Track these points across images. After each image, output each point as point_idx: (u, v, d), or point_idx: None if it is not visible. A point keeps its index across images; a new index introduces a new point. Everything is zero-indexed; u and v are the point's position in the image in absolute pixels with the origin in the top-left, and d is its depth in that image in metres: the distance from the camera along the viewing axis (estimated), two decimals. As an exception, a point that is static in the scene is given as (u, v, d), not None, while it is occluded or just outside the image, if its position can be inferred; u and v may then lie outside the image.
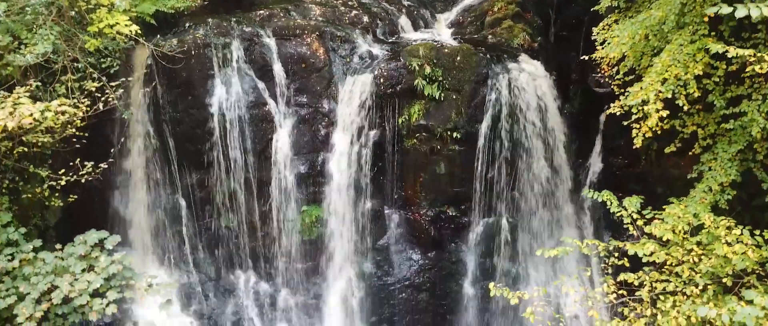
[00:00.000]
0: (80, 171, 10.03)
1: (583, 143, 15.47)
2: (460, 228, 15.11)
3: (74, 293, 8.50)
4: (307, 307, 14.82)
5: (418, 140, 14.10)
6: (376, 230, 14.87)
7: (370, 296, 14.89)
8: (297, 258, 14.67)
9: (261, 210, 14.34)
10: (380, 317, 15.05)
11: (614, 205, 10.40)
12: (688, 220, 9.17)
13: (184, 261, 14.29)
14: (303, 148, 13.61)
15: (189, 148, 13.35)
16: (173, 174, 13.64)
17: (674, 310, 7.99)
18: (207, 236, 14.40)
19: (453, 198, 14.83)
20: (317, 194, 14.24)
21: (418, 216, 14.91)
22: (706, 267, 8.43)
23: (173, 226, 14.02)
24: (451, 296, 15.32)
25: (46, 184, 10.08)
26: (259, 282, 14.70)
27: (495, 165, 14.43)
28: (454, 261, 15.21)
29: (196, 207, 14.08)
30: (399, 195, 14.94)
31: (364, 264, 14.87)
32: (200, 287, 14.36)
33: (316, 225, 14.47)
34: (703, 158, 11.31)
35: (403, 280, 15.03)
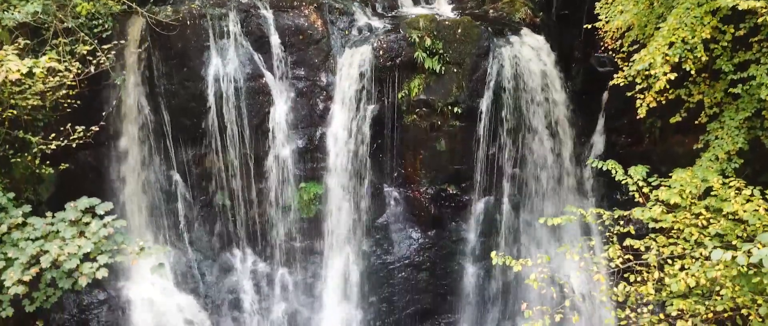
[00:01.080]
0: (71, 136, 9.74)
1: (586, 122, 15.22)
2: (460, 207, 14.86)
3: (63, 256, 8.23)
4: (305, 286, 14.57)
5: (418, 115, 13.84)
6: (375, 208, 14.62)
7: (369, 275, 14.64)
8: (295, 237, 14.41)
9: (258, 188, 14.08)
10: (379, 296, 14.80)
11: (619, 174, 10.17)
12: (696, 184, 8.92)
13: (179, 239, 14.03)
14: (300, 121, 13.35)
15: (184, 121, 13.09)
16: (168, 149, 13.38)
17: (682, 273, 7.73)
18: (203, 213, 14.14)
19: (453, 176, 14.58)
20: (315, 170, 13.98)
21: (417, 195, 14.66)
22: (715, 229, 8.18)
23: (169, 203, 13.76)
24: (452, 276, 15.07)
25: (35, 149, 9.80)
26: (257, 260, 14.44)
27: (496, 141, 14.18)
28: (454, 240, 14.96)
29: (192, 183, 13.82)
30: (398, 172, 14.69)
31: (363, 242, 14.62)
32: (196, 266, 14.10)
33: (315, 203, 14.21)
34: (709, 127, 11.08)
35: (402, 259, 14.78)
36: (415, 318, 15.12)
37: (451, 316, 15.41)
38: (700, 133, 11.57)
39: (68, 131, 9.87)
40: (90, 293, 13.07)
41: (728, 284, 7.58)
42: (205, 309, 13.93)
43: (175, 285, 13.83)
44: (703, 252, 7.99)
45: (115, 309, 13.14)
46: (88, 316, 12.89)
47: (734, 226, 8.23)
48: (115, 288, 13.31)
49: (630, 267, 8.74)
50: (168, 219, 13.80)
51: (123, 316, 13.20)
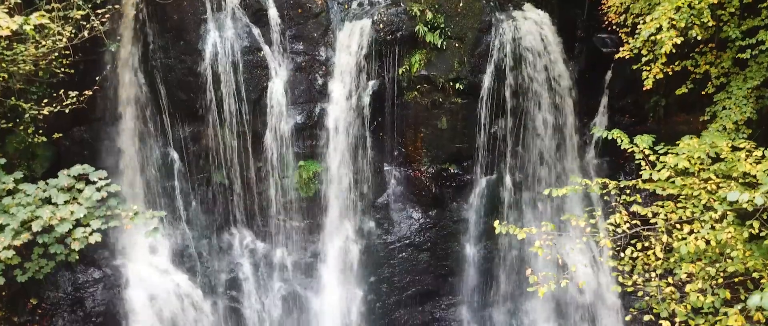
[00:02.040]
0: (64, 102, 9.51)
1: (588, 102, 15.00)
2: (461, 187, 14.65)
3: (55, 221, 8.01)
4: (304, 266, 14.35)
5: (419, 92, 13.62)
6: (375, 187, 14.40)
7: (369, 255, 14.43)
8: (294, 216, 14.19)
9: (256, 166, 13.85)
10: (379, 277, 14.58)
11: (625, 142, 9.94)
12: (705, 150, 8.70)
13: (176, 218, 13.78)
14: (299, 97, 13.12)
15: (181, 96, 12.86)
16: (165, 125, 13.14)
17: (691, 236, 7.51)
18: (200, 192, 13.90)
19: (455, 154, 14.36)
20: (314, 148, 13.76)
21: (418, 174, 14.44)
22: (724, 193, 7.95)
23: (165, 181, 13.51)
24: (452, 256, 14.86)
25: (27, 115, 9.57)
26: (255, 240, 14.22)
27: (498, 119, 13.97)
28: (455, 221, 14.74)
29: (189, 161, 13.58)
30: (399, 151, 14.47)
31: (363, 222, 14.40)
32: (193, 245, 13.86)
33: (314, 182, 13.99)
34: (716, 97, 10.89)
35: (402, 239, 14.56)
36: (416, 299, 14.90)
37: (452, 298, 15.20)
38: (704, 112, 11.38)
39: (61, 97, 9.63)
40: (85, 271, 12.84)
41: (739, 246, 7.37)
42: (202, 289, 13.69)
43: (171, 264, 13.59)
44: (712, 215, 7.78)
45: (111, 288, 12.91)
46: (83, 294, 12.66)
47: (744, 190, 8.01)
48: (110, 267, 13.07)
49: (637, 233, 8.51)
50: (165, 197, 13.56)
51: (118, 295, 12.97)
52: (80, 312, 12.57)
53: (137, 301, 13.11)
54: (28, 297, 12.14)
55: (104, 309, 12.75)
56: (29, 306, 12.15)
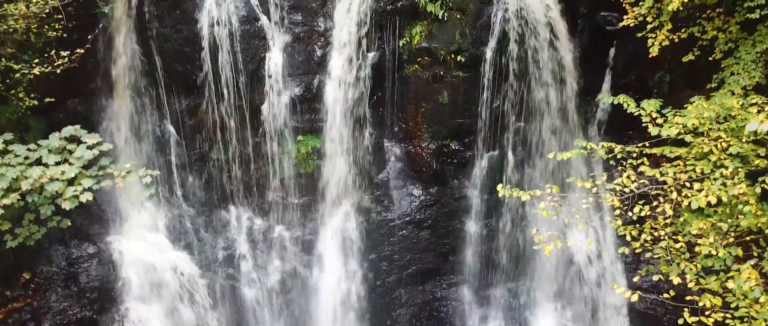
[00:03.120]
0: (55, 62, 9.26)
1: (592, 79, 14.72)
2: (463, 163, 14.40)
3: (45, 179, 7.75)
4: (302, 243, 14.11)
5: (420, 65, 13.38)
6: (375, 163, 14.16)
7: (369, 232, 14.19)
8: (292, 193, 13.95)
9: (254, 141, 13.60)
10: (379, 255, 14.34)
11: (632, 106, 9.72)
12: (715, 110, 8.46)
13: (172, 193, 13.54)
14: (298, 68, 12.87)
15: (177, 67, 12.61)
16: (161, 98, 12.90)
17: (702, 193, 7.26)
18: (197, 168, 13.66)
19: (456, 130, 14.11)
20: (313, 122, 13.51)
21: (419, 150, 14.19)
22: (735, 150, 7.72)
23: (161, 156, 13.26)
24: (454, 234, 14.62)
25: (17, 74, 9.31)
26: (253, 217, 13.97)
27: (501, 93, 13.71)
28: (456, 198, 14.50)
29: (186, 135, 13.34)
30: (399, 127, 14.22)
31: (362, 199, 14.16)
32: (190, 221, 13.62)
33: (313, 157, 13.74)
34: (724, 63, 10.67)
35: (403, 216, 14.32)
36: (417, 277, 14.67)
37: (453, 277, 14.97)
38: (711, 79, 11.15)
39: (53, 57, 9.38)
40: (79, 246, 12.58)
41: (752, 202, 7.13)
42: (199, 266, 13.44)
43: (167, 241, 13.34)
44: (724, 172, 7.54)
45: (105, 264, 12.64)
46: (76, 269, 12.39)
47: (756, 147, 7.78)
48: (104, 242, 12.81)
49: (645, 193, 8.27)
50: (161, 172, 13.27)
51: (113, 271, 12.70)
52: (74, 287, 12.31)
53: (132, 277, 12.84)
54: (20, 272, 11.89)
55: (98, 285, 12.50)
56: (22, 280, 11.90)
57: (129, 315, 12.68)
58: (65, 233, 12.49)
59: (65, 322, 11.94)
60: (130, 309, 12.73)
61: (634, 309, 14.47)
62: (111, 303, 12.66)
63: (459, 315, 14.94)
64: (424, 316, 14.83)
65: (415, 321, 14.80)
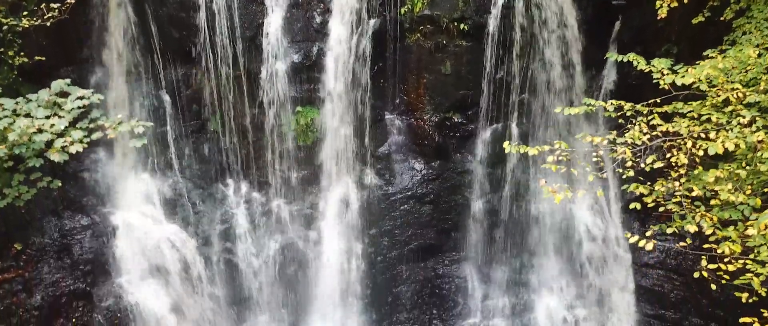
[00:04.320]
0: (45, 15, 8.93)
1: (596, 53, 14.40)
2: (466, 137, 14.10)
3: (33, 129, 7.43)
4: (302, 217, 13.79)
5: (422, 34, 13.06)
6: (376, 136, 13.85)
7: (370, 207, 13.88)
8: (291, 166, 13.64)
9: (252, 113, 13.28)
10: (380, 230, 14.03)
11: (642, 63, 9.39)
12: (731, 62, 8.14)
13: (169, 166, 13.20)
14: (296, 34, 12.56)
15: (173, 34, 12.29)
16: (157, 66, 12.57)
17: (719, 140, 6.94)
18: (194, 140, 13.34)
19: (459, 102, 13.81)
20: (312, 92, 13.20)
21: (421, 123, 13.88)
22: (753, 98, 7.41)
23: (157, 126, 12.90)
24: (456, 210, 14.31)
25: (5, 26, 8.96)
26: (251, 190, 13.65)
27: (504, 65, 13.40)
28: (459, 172, 14.20)
29: (182, 105, 13.02)
30: (401, 99, 13.91)
31: (363, 172, 13.86)
32: (186, 194, 13.29)
33: (312, 129, 13.43)
34: (735, 24, 10.37)
35: (404, 191, 14.02)
36: (418, 254, 14.36)
37: (455, 254, 14.67)
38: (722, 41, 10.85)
39: (42, 10, 9.05)
40: (72, 218, 12.27)
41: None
42: (196, 240, 13.13)
43: (163, 214, 13.01)
44: (741, 120, 7.22)
45: (99, 236, 12.33)
46: (70, 241, 12.08)
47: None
48: (99, 215, 12.50)
49: (658, 146, 7.95)
50: (156, 143, 12.97)
51: (107, 244, 12.39)
52: (67, 259, 11.99)
53: (127, 250, 12.54)
54: (12, 243, 11.57)
55: (92, 257, 12.19)
56: (13, 251, 11.58)
57: (123, 288, 12.36)
58: (58, 204, 12.20)
59: (58, 294, 11.62)
60: (125, 282, 12.41)
61: (640, 286, 14.20)
62: (105, 276, 12.35)
63: (461, 293, 14.63)
64: (425, 293, 14.52)
65: (417, 298, 14.48)
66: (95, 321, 11.99)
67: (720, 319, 13.13)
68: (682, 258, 13.84)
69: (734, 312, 12.94)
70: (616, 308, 14.30)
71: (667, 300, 13.87)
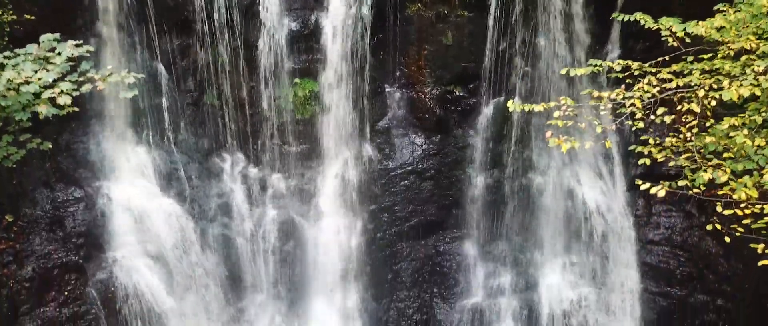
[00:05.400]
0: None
1: (600, 28, 14.14)
2: (468, 111, 13.84)
3: (19, 80, 7.15)
4: (300, 193, 13.52)
5: (423, 3, 12.83)
6: (375, 110, 13.59)
7: (369, 182, 13.62)
8: (289, 140, 13.35)
9: (249, 86, 13.00)
10: (380, 206, 13.76)
11: (649, 22, 9.12)
12: (743, 15, 7.86)
13: (164, 139, 12.89)
14: (294, 2, 12.30)
15: (168, 2, 12.00)
16: (151, 36, 12.25)
17: (734, 87, 6.67)
18: (190, 112, 13.03)
19: (460, 75, 13.55)
20: (311, 63, 12.93)
21: (421, 96, 13.61)
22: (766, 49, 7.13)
23: (152, 98, 12.60)
24: (457, 185, 14.05)
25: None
26: (248, 165, 13.36)
27: (507, 36, 13.14)
28: (460, 147, 13.94)
29: (178, 77, 12.71)
30: (401, 71, 13.64)
31: (362, 147, 13.58)
32: (182, 168, 12.98)
33: (310, 102, 13.15)
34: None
35: (404, 166, 13.75)
36: (419, 230, 14.08)
37: (456, 231, 14.40)
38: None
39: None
40: (65, 189, 11.97)
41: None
42: (191, 214, 12.83)
43: (158, 188, 12.72)
44: (756, 68, 6.95)
45: (93, 209, 12.03)
46: (62, 213, 11.79)
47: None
48: (92, 187, 12.20)
49: (669, 98, 7.67)
50: (151, 116, 12.66)
51: (101, 217, 12.09)
52: (59, 231, 11.71)
53: (121, 224, 12.25)
54: (3, 214, 11.29)
55: (85, 230, 11.89)
56: (4, 222, 11.29)
57: (117, 263, 12.07)
58: (50, 176, 11.92)
59: (49, 266, 11.34)
60: (119, 257, 12.13)
61: (645, 263, 13.94)
62: (99, 250, 12.07)
63: (463, 271, 14.36)
64: (426, 271, 14.25)
65: (417, 276, 14.21)
66: (88, 295, 11.71)
67: (727, 295, 12.88)
68: (688, 234, 13.61)
69: (742, 287, 12.75)
70: (620, 286, 14.03)
71: (673, 277, 13.61)
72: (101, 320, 11.76)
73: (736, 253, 12.71)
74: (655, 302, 13.78)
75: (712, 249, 13.09)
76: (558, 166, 13.95)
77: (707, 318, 13.19)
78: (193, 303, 12.68)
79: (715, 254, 13.06)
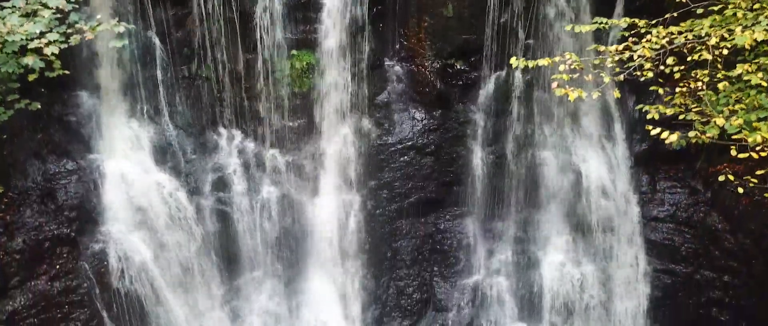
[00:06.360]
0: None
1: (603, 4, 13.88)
2: (469, 86, 13.57)
3: (5, 29, 6.89)
4: (297, 168, 13.25)
5: (423, -27, 12.55)
6: (375, 83, 13.32)
7: (368, 158, 13.35)
8: (287, 114, 13.09)
9: (245, 59, 12.72)
10: (379, 181, 13.50)
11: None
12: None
13: (158, 113, 12.61)
14: (292, -30, 12.03)
15: (162, -30, 11.74)
16: (145, 5, 11.98)
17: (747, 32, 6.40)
18: (185, 85, 12.74)
19: (461, 48, 13.28)
20: (308, 34, 12.67)
21: (422, 69, 13.34)
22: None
23: (146, 70, 12.32)
24: (458, 162, 13.79)
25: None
26: (244, 139, 13.09)
27: (509, 6, 12.87)
28: (461, 122, 13.68)
29: (173, 48, 12.42)
30: (401, 44, 13.38)
31: (361, 121, 13.32)
32: (177, 142, 12.71)
33: (308, 75, 12.89)
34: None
35: (404, 141, 13.49)
36: (419, 208, 13.82)
37: (457, 208, 14.14)
38: None
39: None
40: (57, 162, 11.67)
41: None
42: (187, 189, 12.57)
43: (153, 162, 12.45)
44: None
45: (85, 181, 11.76)
46: (54, 186, 11.50)
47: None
48: (85, 159, 11.91)
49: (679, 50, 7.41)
50: (145, 89, 12.37)
51: (94, 190, 11.82)
52: (51, 204, 11.42)
53: (115, 198, 11.98)
54: (-7, 185, 11.02)
55: (78, 203, 11.60)
56: (-6, 194, 11.03)
57: (111, 237, 11.81)
58: (42, 147, 11.64)
59: (40, 238, 11.06)
60: (113, 231, 11.87)
61: (649, 240, 13.70)
62: (91, 224, 11.79)
63: (464, 249, 14.10)
64: (426, 249, 13.99)
65: (417, 254, 13.95)
66: (81, 269, 11.44)
67: (734, 270, 12.62)
68: (694, 210, 13.36)
69: (749, 262, 12.48)
70: (624, 263, 13.78)
71: (678, 254, 13.36)
72: (94, 294, 11.50)
73: (744, 228, 12.46)
74: (660, 279, 13.53)
75: (718, 225, 12.84)
76: (561, 143, 13.69)
77: (713, 295, 12.93)
78: (188, 279, 12.42)
79: (722, 230, 12.80)
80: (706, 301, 13.01)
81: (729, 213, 12.69)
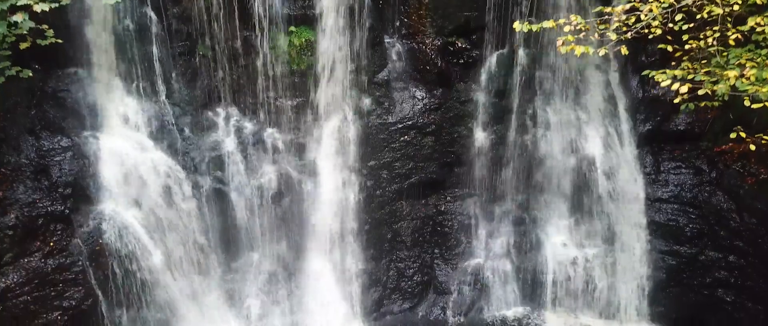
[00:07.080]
0: None
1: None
2: (470, 65, 13.37)
3: (-8, -15, 6.70)
4: (296, 147, 13.04)
5: (424, -52, 12.34)
6: (374, 61, 13.10)
7: (368, 137, 13.14)
8: (285, 92, 12.88)
9: (243, 35, 12.51)
10: (379, 162, 13.29)
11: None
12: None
13: (155, 91, 12.39)
14: (291, -57, 11.81)
15: (159, -58, 11.53)
16: (141, -22, 11.78)
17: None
18: (182, 62, 12.53)
19: (462, 26, 13.08)
20: (307, 10, 12.45)
21: (422, 47, 13.13)
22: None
23: (142, 47, 12.10)
24: (459, 142, 13.59)
25: None
26: (242, 118, 12.88)
27: (511, -18, 12.68)
28: (462, 101, 13.47)
29: (169, 24, 12.21)
30: (401, 21, 13.17)
31: (361, 100, 13.11)
32: (174, 121, 12.50)
33: (306, 52, 12.68)
34: None
35: (405, 120, 13.28)
36: (419, 188, 13.62)
37: (458, 189, 13.95)
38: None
39: None
40: (51, 138, 11.43)
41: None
42: (184, 168, 12.36)
43: (149, 140, 12.23)
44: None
45: (80, 158, 11.52)
46: (48, 162, 11.27)
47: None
48: (80, 137, 11.69)
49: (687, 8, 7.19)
50: (141, 65, 12.15)
51: (88, 167, 11.58)
52: (45, 181, 11.20)
53: (110, 176, 11.74)
54: (-15, 161, 10.80)
55: (72, 181, 11.37)
56: (-14, 170, 10.82)
57: (106, 215, 11.59)
58: (36, 124, 11.41)
59: (34, 215, 10.83)
60: (107, 209, 11.65)
61: (653, 222, 13.50)
62: (86, 201, 11.55)
63: (465, 231, 13.90)
64: (427, 231, 13.79)
65: (418, 236, 13.75)
66: (75, 246, 11.21)
67: (739, 250, 12.42)
68: (698, 190, 13.16)
69: (755, 241, 12.27)
70: (628, 246, 13.57)
71: (683, 235, 13.16)
72: (88, 272, 11.27)
73: (750, 208, 12.26)
74: (664, 261, 13.33)
75: (723, 205, 12.64)
76: (564, 123, 13.49)
77: (719, 275, 12.73)
78: (184, 258, 12.22)
79: (727, 209, 12.60)
80: (712, 282, 12.81)
81: (734, 192, 12.48)
